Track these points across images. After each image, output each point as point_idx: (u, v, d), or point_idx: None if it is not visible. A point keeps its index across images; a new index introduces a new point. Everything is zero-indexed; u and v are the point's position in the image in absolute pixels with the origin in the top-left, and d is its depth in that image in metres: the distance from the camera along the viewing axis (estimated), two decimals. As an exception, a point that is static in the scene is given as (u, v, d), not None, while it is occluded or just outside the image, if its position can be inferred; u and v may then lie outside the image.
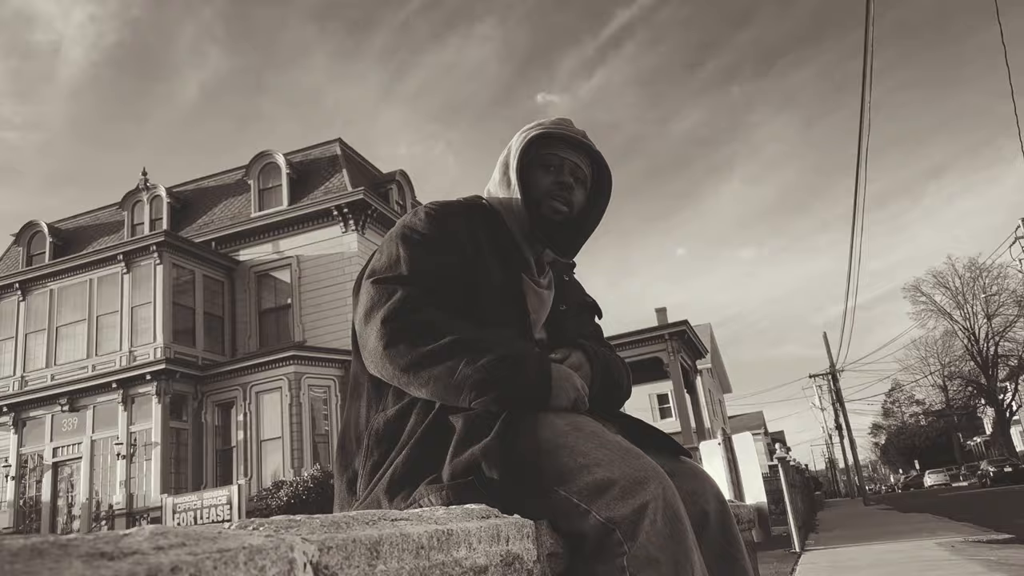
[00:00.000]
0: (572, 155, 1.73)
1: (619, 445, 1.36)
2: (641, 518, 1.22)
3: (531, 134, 1.71)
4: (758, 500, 6.49)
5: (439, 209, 1.67)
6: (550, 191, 1.69)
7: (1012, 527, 10.07)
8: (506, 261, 1.66)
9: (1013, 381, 49.83)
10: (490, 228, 1.69)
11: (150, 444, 18.30)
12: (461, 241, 1.61)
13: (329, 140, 23.96)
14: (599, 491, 1.26)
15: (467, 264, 1.59)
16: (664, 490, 1.26)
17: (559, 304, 1.79)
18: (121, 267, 20.12)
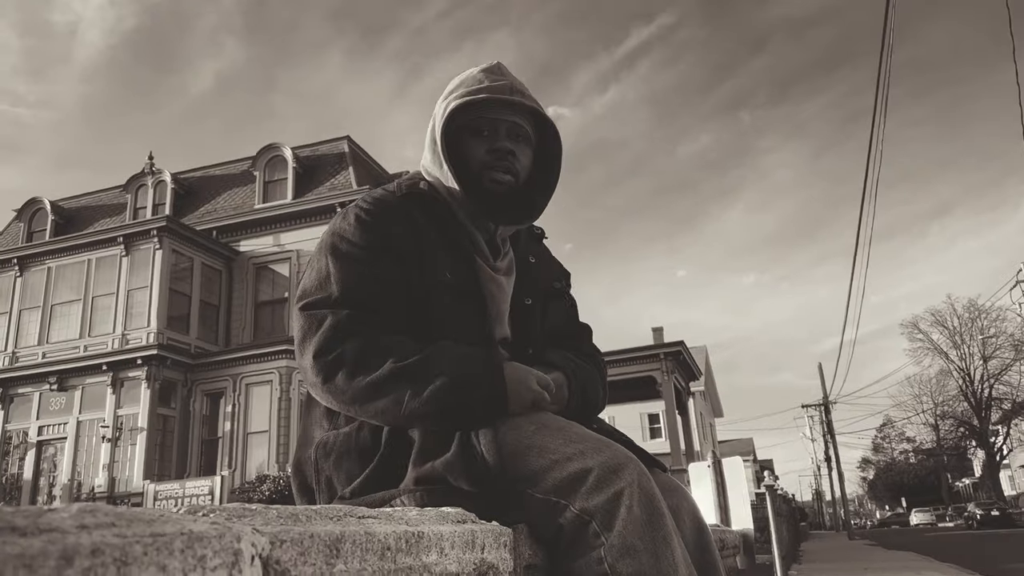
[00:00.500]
0: (506, 114, 1.52)
1: (587, 435, 1.29)
2: (617, 506, 1.16)
3: (452, 104, 1.50)
4: (745, 526, 6.41)
5: (371, 208, 1.49)
6: (486, 161, 1.50)
7: (997, 572, 10.00)
8: (455, 251, 1.49)
9: (1005, 425, 49.73)
10: (431, 216, 1.51)
11: (136, 429, 18.19)
12: (399, 241, 1.45)
13: (337, 137, 23.95)
14: (573, 483, 1.20)
15: (410, 266, 1.43)
16: (639, 476, 1.20)
17: (523, 296, 1.59)
18: (120, 249, 20.06)
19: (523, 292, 1.61)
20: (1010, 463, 54.06)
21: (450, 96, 1.54)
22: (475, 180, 1.50)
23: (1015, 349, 45.59)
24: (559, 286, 1.74)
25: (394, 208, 1.50)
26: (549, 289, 1.69)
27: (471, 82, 1.55)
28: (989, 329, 47.47)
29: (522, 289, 1.61)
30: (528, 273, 1.65)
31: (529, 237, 1.73)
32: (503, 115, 1.52)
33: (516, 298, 1.60)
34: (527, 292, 1.62)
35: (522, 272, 1.64)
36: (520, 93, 1.54)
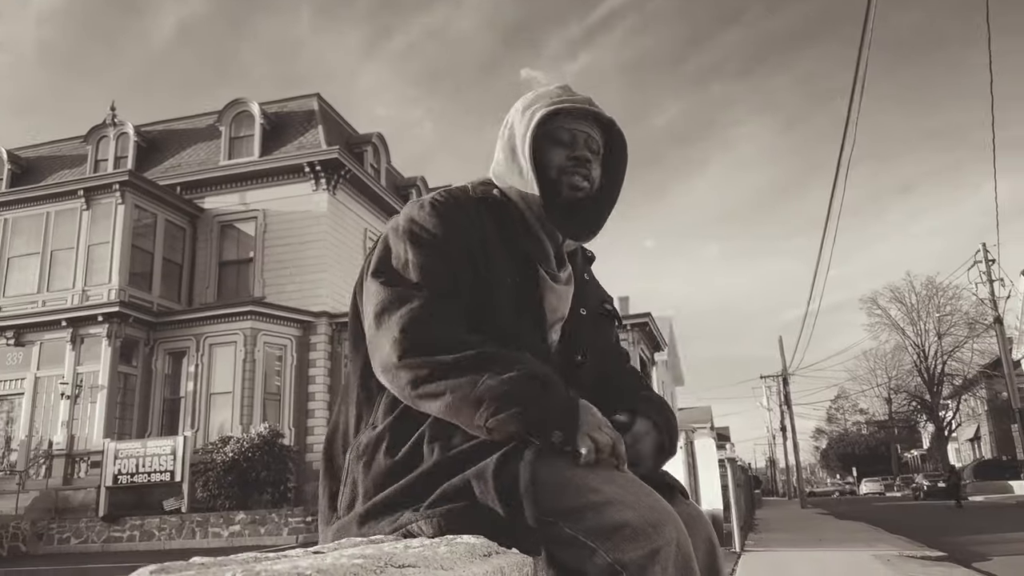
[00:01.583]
0: (583, 126, 1.58)
1: (631, 481, 1.28)
2: (652, 564, 1.15)
3: (540, 112, 1.55)
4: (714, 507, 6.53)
5: (446, 202, 1.51)
6: (566, 168, 1.55)
7: (944, 545, 10.33)
8: (520, 257, 1.52)
9: (955, 400, 51.21)
10: (502, 220, 1.54)
11: (96, 387, 17.93)
12: (470, 239, 1.46)
13: (307, 94, 23.51)
14: (610, 531, 1.18)
15: (477, 265, 1.45)
16: (679, 535, 1.19)
17: (578, 307, 1.63)
18: (81, 203, 19.58)
19: (578, 304, 1.64)
20: (957, 436, 55.73)
21: (533, 106, 1.58)
22: (554, 185, 1.54)
23: (969, 327, 46.72)
24: (610, 308, 1.78)
25: (467, 207, 1.52)
26: (601, 309, 1.73)
27: (551, 95, 1.60)
28: (945, 307, 48.61)
29: (577, 302, 1.65)
30: (583, 289, 1.69)
31: (583, 258, 1.77)
32: (581, 127, 1.58)
33: (572, 308, 1.63)
34: (581, 304, 1.65)
35: (578, 287, 1.67)
36: (596, 105, 1.61)
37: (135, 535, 15.53)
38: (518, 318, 1.47)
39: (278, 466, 16.60)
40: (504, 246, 1.51)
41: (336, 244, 20.80)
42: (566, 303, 1.61)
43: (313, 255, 20.31)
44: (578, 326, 1.61)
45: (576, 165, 1.55)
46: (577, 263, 1.70)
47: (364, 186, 22.19)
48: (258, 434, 16.45)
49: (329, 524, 1.36)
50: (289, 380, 19.01)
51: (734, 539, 9.66)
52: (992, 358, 43.57)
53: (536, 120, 1.54)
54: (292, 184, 20.92)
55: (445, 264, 1.42)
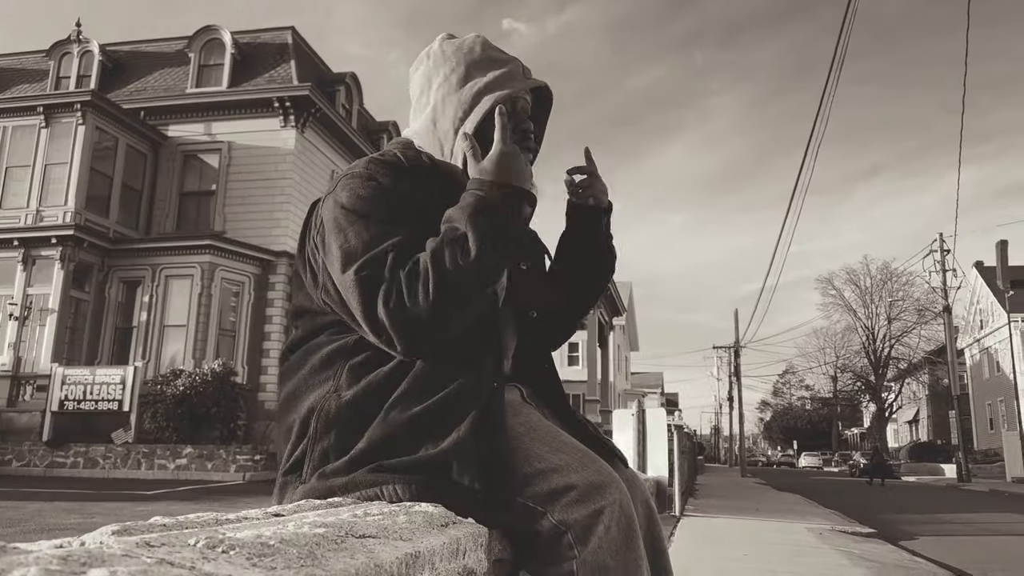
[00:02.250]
0: (522, 91, 1.52)
1: (575, 448, 1.31)
2: (595, 524, 1.19)
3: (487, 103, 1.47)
4: (659, 473, 6.70)
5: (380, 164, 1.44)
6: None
7: (875, 521, 10.74)
8: None
9: (899, 383, 52.76)
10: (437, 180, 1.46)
11: (46, 310, 17.58)
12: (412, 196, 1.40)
13: (282, 26, 22.90)
14: (555, 495, 1.22)
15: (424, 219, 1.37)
16: (621, 496, 1.23)
17: (519, 262, 1.59)
18: (40, 120, 18.95)
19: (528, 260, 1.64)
20: (897, 418, 57.54)
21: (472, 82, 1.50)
22: None
23: (918, 314, 47.96)
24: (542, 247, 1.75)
25: (404, 168, 1.45)
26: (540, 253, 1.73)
27: (481, 63, 1.52)
28: (898, 292, 49.83)
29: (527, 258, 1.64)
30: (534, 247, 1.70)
31: None
32: (520, 92, 1.52)
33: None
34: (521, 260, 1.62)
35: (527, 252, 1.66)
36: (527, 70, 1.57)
37: (79, 462, 15.41)
38: None
39: (229, 403, 16.53)
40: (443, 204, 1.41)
41: (301, 183, 20.48)
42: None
43: (277, 193, 19.97)
44: (522, 281, 1.57)
45: (524, 139, 1.50)
46: None
47: (334, 126, 21.80)
48: (211, 370, 16.32)
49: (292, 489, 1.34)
50: (245, 318, 18.83)
51: (675, 503, 9.92)
52: (937, 345, 44.91)
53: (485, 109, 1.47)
54: (260, 118, 20.46)
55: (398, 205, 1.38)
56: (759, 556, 6.34)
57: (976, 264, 43.53)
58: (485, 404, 1.31)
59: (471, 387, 1.32)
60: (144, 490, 11.73)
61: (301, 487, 1.31)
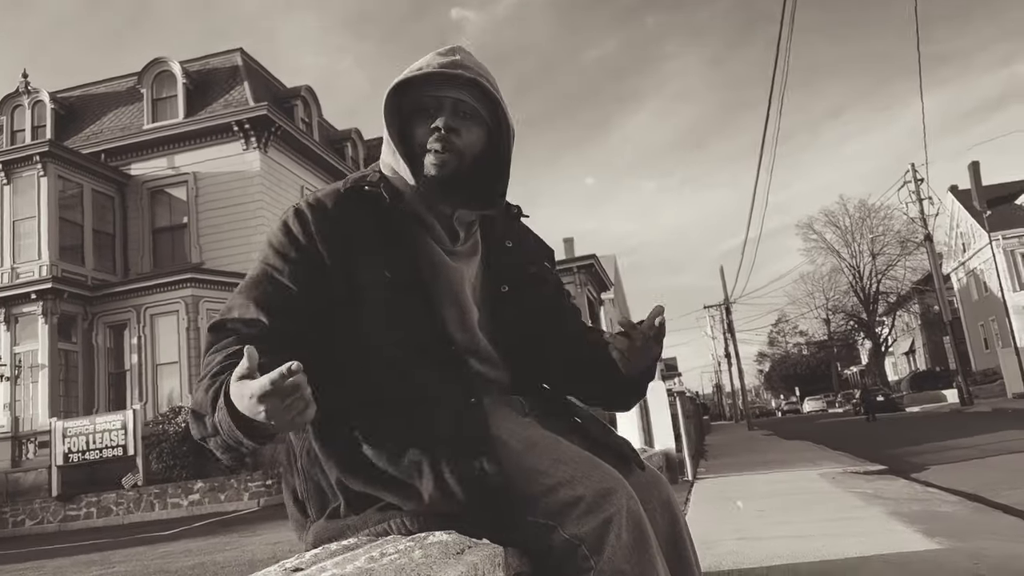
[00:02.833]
0: (452, 91, 1.46)
1: (577, 457, 1.32)
2: (607, 532, 1.21)
3: (391, 85, 1.46)
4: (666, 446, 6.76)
5: (301, 212, 1.45)
6: (425, 141, 1.46)
7: (884, 458, 10.86)
8: (395, 246, 1.45)
9: (890, 316, 53.22)
10: (373, 211, 1.46)
11: (36, 366, 17.46)
12: (321, 248, 1.40)
13: (230, 49, 22.71)
14: (564, 509, 1.24)
15: (337, 270, 1.39)
16: (628, 500, 1.25)
17: (500, 284, 1.56)
18: (0, 177, 18.75)
19: (499, 279, 1.58)
20: (894, 351, 58.05)
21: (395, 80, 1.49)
22: (418, 160, 1.47)
23: (901, 246, 48.35)
24: (534, 271, 1.68)
25: (329, 209, 1.46)
26: (529, 273, 1.65)
27: (420, 64, 1.50)
28: (878, 228, 50.23)
29: (499, 276, 1.58)
30: (506, 259, 1.61)
31: (507, 220, 1.67)
32: (447, 92, 1.47)
33: (492, 286, 1.57)
34: (504, 279, 1.58)
35: (498, 259, 1.60)
36: (464, 67, 1.47)
37: (92, 511, 15.36)
38: (401, 308, 1.42)
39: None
40: (377, 238, 1.45)
41: (272, 203, 20.37)
42: (465, 277, 1.54)
43: (250, 216, 19.86)
44: (501, 305, 1.56)
45: (436, 138, 1.46)
46: (497, 229, 1.64)
47: (297, 142, 21.68)
48: (209, 402, 16.26)
49: (303, 528, 1.38)
50: (236, 345, 18.72)
51: (686, 468, 9.98)
52: (923, 274, 45.30)
53: (386, 95, 1.47)
54: (221, 144, 20.32)
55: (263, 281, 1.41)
56: (775, 509, 6.41)
57: (951, 188, 43.82)
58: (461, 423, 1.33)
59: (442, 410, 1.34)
60: (161, 531, 11.71)
61: (313, 527, 1.34)
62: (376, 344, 1.39)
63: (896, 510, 5.76)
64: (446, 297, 1.48)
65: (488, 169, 1.53)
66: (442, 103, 1.47)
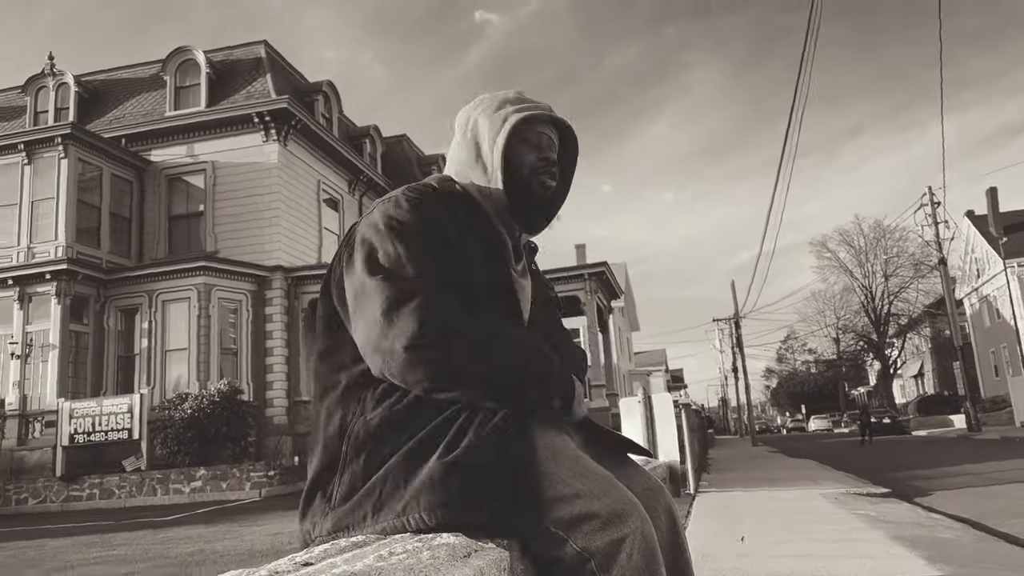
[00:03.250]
0: (547, 129, 1.66)
1: (598, 474, 1.34)
2: (618, 552, 1.22)
3: (515, 116, 1.61)
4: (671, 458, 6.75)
5: (420, 197, 1.53)
6: (537, 168, 1.63)
7: (888, 481, 10.80)
8: (492, 253, 1.57)
9: (900, 338, 52.91)
10: (470, 217, 1.58)
11: (47, 346, 17.59)
12: (448, 232, 1.50)
13: (254, 41, 22.84)
14: (578, 521, 1.25)
15: (456, 260, 1.49)
16: (643, 524, 1.27)
17: (534, 302, 1.72)
18: (22, 157, 18.92)
19: (534, 299, 1.74)
20: (902, 373, 57.73)
21: (503, 109, 1.64)
22: (526, 185, 1.62)
23: (914, 268, 48.09)
24: (554, 295, 1.89)
25: (436, 200, 1.56)
26: (547, 297, 1.83)
27: (515, 100, 1.68)
28: (892, 249, 49.92)
29: (535, 295, 1.75)
30: (535, 282, 1.77)
31: (528, 250, 1.81)
32: (546, 130, 1.66)
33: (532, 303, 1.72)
34: (536, 300, 1.75)
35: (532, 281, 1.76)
36: (553, 111, 1.69)
37: (95, 493, 15.46)
38: (496, 308, 1.53)
39: (238, 422, 16.57)
40: (475, 240, 1.55)
41: (289, 197, 20.49)
42: (528, 296, 1.70)
43: (265, 208, 19.97)
44: (533, 317, 1.69)
45: (547, 165, 1.64)
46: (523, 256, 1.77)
47: (316, 137, 21.77)
48: (217, 390, 16.35)
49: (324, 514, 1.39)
50: (246, 335, 18.85)
51: (688, 481, 9.97)
52: (936, 298, 45.03)
53: (512, 123, 1.61)
54: (241, 135, 20.44)
55: (435, 256, 1.45)
56: (777, 527, 6.39)
57: (968, 213, 43.58)
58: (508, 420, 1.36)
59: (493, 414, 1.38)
60: (162, 516, 11.78)
61: (330, 515, 1.36)
62: None
63: (898, 534, 5.73)
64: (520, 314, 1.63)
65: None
66: (543, 139, 1.66)
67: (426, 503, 1.25)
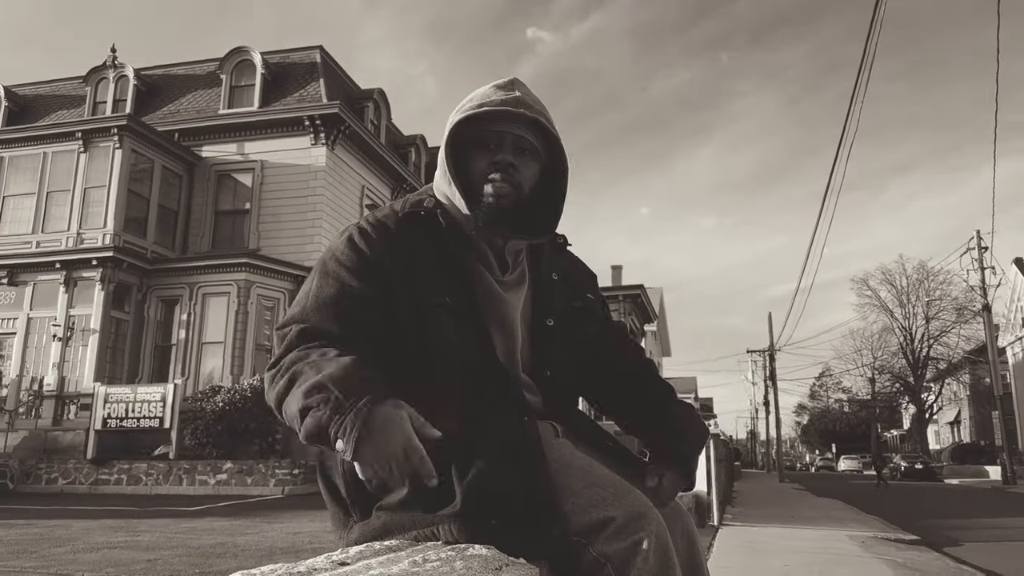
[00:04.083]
0: (511, 127, 1.52)
1: (611, 480, 1.36)
2: (635, 554, 1.24)
3: (455, 119, 1.52)
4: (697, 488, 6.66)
5: (366, 229, 1.51)
6: (486, 173, 1.51)
7: (917, 528, 10.57)
8: (453, 271, 1.50)
9: (938, 383, 51.74)
10: (432, 235, 1.52)
11: (88, 330, 17.97)
12: (395, 264, 1.46)
13: (310, 46, 23.22)
14: (595, 528, 1.27)
15: (399, 288, 1.44)
16: (658, 527, 1.28)
17: (545, 317, 1.60)
18: (79, 145, 19.43)
19: (544, 313, 1.61)
20: (938, 419, 56.45)
21: (456, 113, 1.55)
22: (476, 191, 1.51)
23: (957, 313, 47.07)
24: (580, 304, 1.71)
25: (392, 230, 1.52)
26: (574, 306, 1.69)
27: (480, 97, 1.56)
28: (935, 291, 48.91)
29: (543, 309, 1.62)
30: (550, 292, 1.64)
31: (554, 251, 1.71)
32: (508, 128, 1.53)
33: (537, 319, 1.61)
34: (548, 312, 1.62)
35: (544, 291, 1.63)
36: (526, 106, 1.53)
37: (122, 479, 15.70)
38: (458, 334, 1.46)
39: (267, 418, 16.71)
40: (435, 261, 1.50)
41: (333, 200, 20.76)
42: (515, 307, 1.58)
43: (309, 210, 20.26)
44: (544, 337, 1.60)
45: (495, 169, 1.51)
46: (543, 261, 1.67)
47: (363, 143, 22.06)
48: (249, 385, 16.55)
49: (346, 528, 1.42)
50: (281, 333, 19.07)
51: (712, 512, 9.86)
52: (977, 344, 43.98)
53: (448, 129, 1.53)
54: (291, 137, 20.78)
55: (344, 290, 1.44)
56: (800, 566, 6.30)
57: (1016, 261, 42.64)
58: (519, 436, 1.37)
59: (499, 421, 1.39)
60: (187, 506, 11.93)
61: (357, 526, 1.38)
62: (431, 361, 1.44)
63: (925, 583, 5.61)
64: (495, 324, 1.53)
65: (538, 200, 1.59)
66: (503, 138, 1.53)
67: (456, 518, 1.27)
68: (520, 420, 1.41)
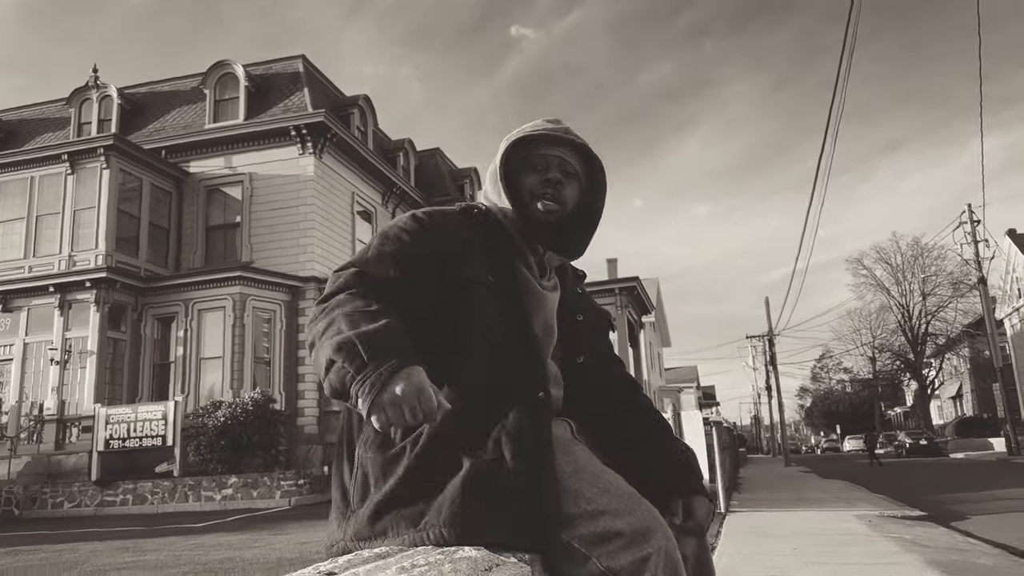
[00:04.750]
0: (557, 151, 1.70)
1: (622, 490, 1.35)
2: (642, 571, 1.23)
3: (512, 139, 1.70)
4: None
5: (428, 211, 1.68)
6: (535, 190, 1.67)
7: (924, 504, 10.59)
8: (498, 258, 1.63)
9: (938, 359, 51.82)
10: (485, 229, 1.67)
11: (85, 352, 17.93)
12: (448, 241, 1.60)
13: (292, 55, 23.18)
14: (602, 540, 1.25)
15: (453, 263, 1.56)
16: (667, 542, 1.27)
17: (575, 313, 1.78)
18: (65, 167, 19.37)
19: (573, 311, 1.79)
20: (940, 395, 56.54)
21: (511, 136, 1.72)
22: (527, 207, 1.67)
23: (953, 287, 47.14)
24: (606, 317, 1.96)
25: (448, 217, 1.68)
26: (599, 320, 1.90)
27: (532, 126, 1.74)
28: (930, 267, 48.98)
29: (572, 309, 1.79)
30: (576, 299, 1.84)
31: (574, 276, 1.90)
32: (555, 151, 1.70)
33: (568, 314, 1.76)
34: (577, 311, 1.80)
35: (570, 298, 1.81)
36: (572, 134, 1.73)
37: (128, 499, 15.67)
38: (499, 310, 1.56)
39: (270, 430, 16.72)
40: (483, 249, 1.63)
41: (324, 208, 20.72)
42: (550, 305, 1.72)
43: (300, 219, 20.22)
44: (575, 330, 1.75)
45: (546, 187, 1.67)
46: (568, 280, 1.84)
47: (351, 150, 22.02)
48: (250, 399, 16.53)
49: (345, 518, 1.43)
50: (279, 345, 19.05)
51: (719, 500, 9.86)
52: (975, 318, 44.06)
53: (504, 148, 1.69)
54: (278, 148, 20.74)
55: (400, 251, 1.54)
56: (809, 548, 6.30)
57: (1009, 232, 42.68)
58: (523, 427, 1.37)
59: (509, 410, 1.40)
60: (193, 523, 11.90)
61: (354, 523, 1.38)
62: (470, 334, 1.51)
63: (934, 559, 5.61)
64: (535, 311, 1.65)
65: (572, 224, 1.74)
66: (550, 161, 1.70)
67: (446, 518, 1.26)
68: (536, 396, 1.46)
